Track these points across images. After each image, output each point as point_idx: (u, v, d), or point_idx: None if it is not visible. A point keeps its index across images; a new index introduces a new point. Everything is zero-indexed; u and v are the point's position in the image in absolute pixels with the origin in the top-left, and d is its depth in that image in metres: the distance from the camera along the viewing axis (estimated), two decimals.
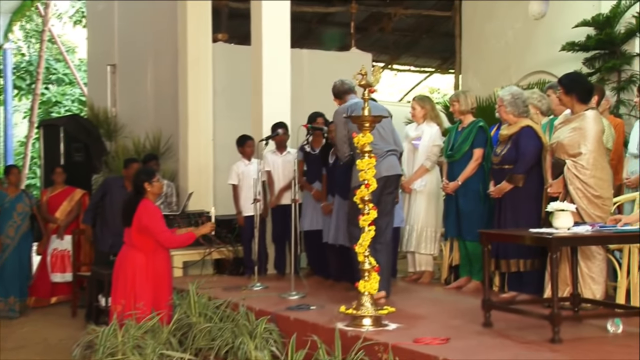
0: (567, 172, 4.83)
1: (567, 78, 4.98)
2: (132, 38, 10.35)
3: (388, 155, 5.27)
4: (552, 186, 4.96)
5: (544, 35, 8.74)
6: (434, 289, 6.17)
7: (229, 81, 8.96)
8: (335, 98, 5.69)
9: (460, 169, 5.98)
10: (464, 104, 6.04)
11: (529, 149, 5.28)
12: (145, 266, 5.26)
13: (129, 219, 5.29)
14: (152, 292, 5.26)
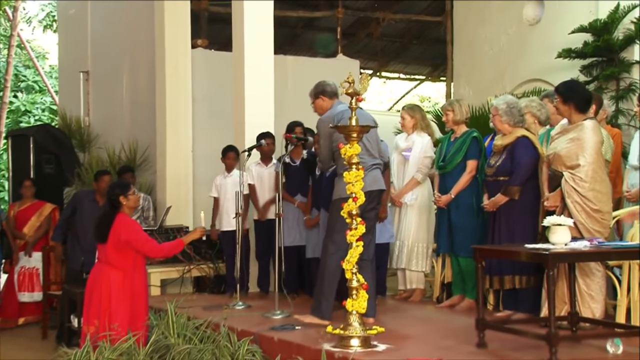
0: (565, 184, 4.86)
1: (565, 86, 5.02)
2: (107, 43, 10.33)
3: (373, 169, 5.26)
4: (549, 199, 4.98)
5: (539, 41, 8.81)
6: (426, 307, 6.18)
7: (209, 89, 8.96)
8: (318, 99, 5.50)
9: (452, 182, 6.00)
10: (458, 114, 6.07)
11: (524, 159, 5.32)
12: (122, 284, 5.22)
13: (104, 235, 5.25)
14: (129, 312, 5.23)
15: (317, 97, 5.54)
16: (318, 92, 5.55)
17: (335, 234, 5.12)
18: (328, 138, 5.31)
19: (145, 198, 8.06)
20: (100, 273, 5.26)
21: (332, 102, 5.49)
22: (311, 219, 6.19)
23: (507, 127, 5.47)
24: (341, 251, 5.00)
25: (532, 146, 5.37)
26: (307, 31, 12.86)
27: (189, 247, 7.12)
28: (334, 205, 5.18)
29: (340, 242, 5.01)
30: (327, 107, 5.50)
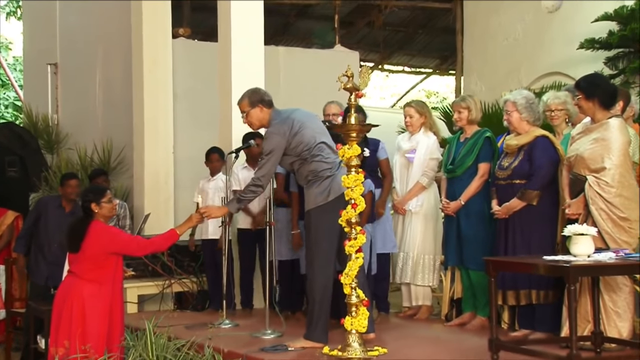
0: (589, 190, 4.87)
1: (587, 81, 5.03)
2: (77, 32, 10.34)
3: (341, 167, 5.23)
4: (571, 206, 4.99)
5: (559, 30, 8.84)
6: (433, 326, 6.19)
7: (192, 83, 8.97)
8: (255, 109, 5.40)
9: (462, 187, 6.01)
10: (475, 112, 6.08)
11: (544, 161, 5.33)
12: (97, 300, 5.20)
13: (76, 244, 5.24)
14: (104, 332, 5.21)
15: (255, 106, 5.41)
16: (255, 100, 5.43)
17: (316, 247, 5.12)
18: (282, 149, 5.27)
19: (121, 205, 8.05)
20: (71, 287, 5.23)
21: (269, 112, 5.44)
22: (299, 235, 6.15)
23: (525, 126, 5.48)
24: (329, 266, 5.02)
25: (552, 147, 5.38)
26: (301, 19, 12.89)
27: (169, 260, 7.12)
28: (310, 215, 5.19)
29: (324, 256, 5.04)
30: (266, 119, 5.43)
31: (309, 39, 13.14)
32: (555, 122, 5.77)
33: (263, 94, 5.48)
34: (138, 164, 8.61)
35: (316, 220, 5.13)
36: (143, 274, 7.13)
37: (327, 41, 11.89)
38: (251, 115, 5.44)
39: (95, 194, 5.40)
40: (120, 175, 9.09)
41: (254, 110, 5.42)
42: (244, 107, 5.46)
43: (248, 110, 5.43)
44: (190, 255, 7.26)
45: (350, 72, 4.78)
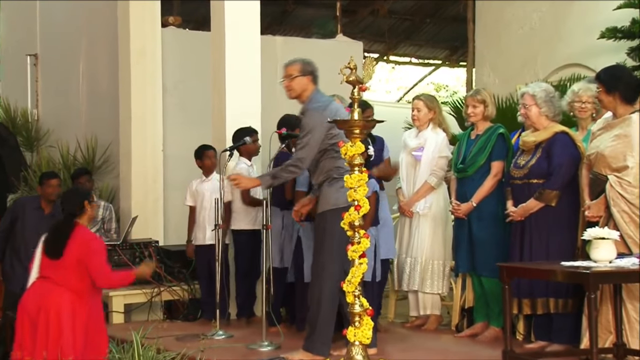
0: (610, 190, 4.87)
1: (607, 73, 5.04)
2: (59, 20, 10.33)
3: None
4: (591, 208, 5.00)
5: (579, 19, 8.84)
6: (442, 337, 6.19)
7: (183, 76, 8.97)
8: (304, 79, 5.46)
9: (474, 187, 6.01)
10: (490, 107, 6.08)
11: (564, 159, 5.32)
12: (76, 310, 5.20)
13: (59, 250, 5.22)
14: (85, 343, 5.21)
15: (305, 75, 5.48)
16: (308, 70, 5.50)
17: (329, 252, 5.14)
18: (324, 132, 5.30)
19: (106, 207, 8.06)
20: (49, 295, 5.21)
21: (312, 90, 5.51)
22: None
23: (544, 121, 5.46)
24: (340, 273, 5.02)
25: (572, 144, 5.37)
26: (300, 7, 12.90)
27: (158, 266, 7.13)
28: (326, 217, 5.21)
29: (338, 262, 5.05)
30: (307, 93, 5.50)
31: (309, 28, 13.14)
32: (583, 115, 5.73)
33: (315, 70, 5.57)
34: (124, 163, 8.60)
35: (333, 223, 5.10)
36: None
37: (328, 30, 11.89)
38: (297, 82, 5.47)
39: (86, 194, 5.42)
40: (105, 175, 9.09)
41: (302, 78, 5.47)
42: (292, 71, 5.48)
43: (296, 76, 5.46)
44: (181, 261, 7.26)
45: (353, 64, 4.77)
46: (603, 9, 8.25)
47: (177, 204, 7.49)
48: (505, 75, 9.47)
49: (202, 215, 6.95)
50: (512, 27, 9.60)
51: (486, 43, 10.07)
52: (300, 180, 6.27)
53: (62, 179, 8.12)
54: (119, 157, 8.73)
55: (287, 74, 5.49)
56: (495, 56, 9.83)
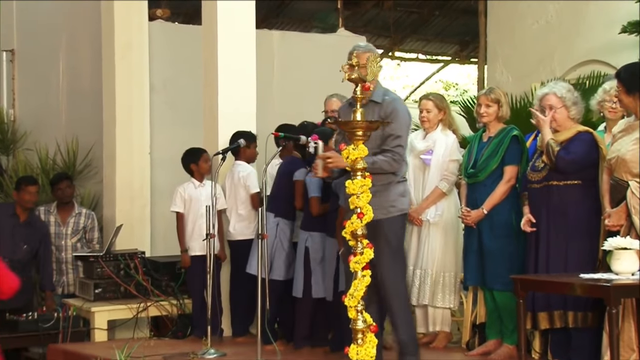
0: (631, 197, 4.88)
1: (627, 71, 5.05)
2: (38, 14, 10.35)
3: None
4: (611, 217, 5.01)
5: (598, 12, 8.86)
6: (453, 355, 6.20)
7: (172, 73, 8.99)
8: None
9: (485, 193, 6.02)
10: (505, 107, 6.10)
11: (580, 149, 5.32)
12: None
13: None
14: None
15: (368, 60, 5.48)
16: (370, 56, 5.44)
17: (396, 268, 5.43)
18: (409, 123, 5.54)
19: (88, 215, 8.08)
20: None
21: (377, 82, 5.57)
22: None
23: (569, 124, 5.47)
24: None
25: (594, 144, 5.38)
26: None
27: (144, 279, 7.14)
28: (387, 224, 5.38)
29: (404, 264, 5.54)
30: (375, 83, 5.49)
31: (308, 22, 13.17)
32: (613, 116, 5.73)
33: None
34: (108, 167, 8.61)
35: (397, 230, 5.47)
36: (114, 295, 7.15)
37: (329, 24, 11.92)
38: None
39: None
40: (87, 180, 9.10)
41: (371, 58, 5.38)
42: (363, 59, 5.33)
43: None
44: (169, 274, 7.27)
45: (356, 61, 4.79)
46: (625, 2, 8.27)
47: (165, 212, 7.50)
48: (520, 73, 9.49)
49: (197, 224, 6.95)
50: (527, 21, 9.63)
51: (499, 38, 10.09)
52: (312, 185, 6.30)
53: (41, 184, 8.15)
54: (102, 160, 8.74)
55: (358, 62, 5.42)
56: (508, 52, 9.85)
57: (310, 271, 6.28)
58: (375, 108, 5.44)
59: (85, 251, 7.73)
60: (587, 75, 8.19)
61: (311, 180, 6.35)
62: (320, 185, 6.32)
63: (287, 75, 9.57)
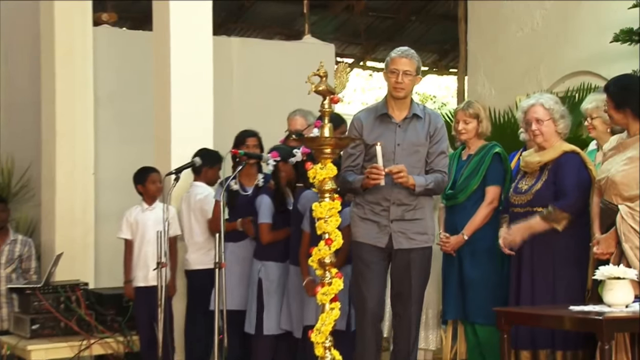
0: (621, 223, 4.91)
1: (617, 84, 5.09)
2: None
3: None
4: (600, 243, 5.03)
5: (589, 19, 8.94)
6: None
7: (119, 84, 8.97)
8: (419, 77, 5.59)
9: (465, 217, 6.05)
10: (485, 123, 6.13)
11: (572, 179, 5.35)
12: None
13: None
14: None
15: (417, 74, 5.58)
16: (420, 67, 5.62)
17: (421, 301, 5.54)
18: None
19: (24, 242, 8.00)
20: None
21: None
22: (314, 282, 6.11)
23: (556, 140, 5.50)
24: None
25: (583, 166, 5.42)
26: (260, 2, 12.95)
27: (88, 313, 7.09)
28: (421, 254, 5.43)
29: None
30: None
31: (271, 27, 13.19)
32: (592, 134, 5.84)
33: None
34: (47, 189, 8.56)
35: (428, 260, 5.52)
36: (53, 331, 7.08)
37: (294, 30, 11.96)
38: (412, 82, 5.53)
39: None
40: (23, 203, 9.03)
41: (416, 78, 5.56)
42: (409, 66, 5.52)
43: (413, 74, 5.53)
44: (115, 308, 7.22)
45: (324, 71, 4.82)
46: (617, 8, 8.34)
47: (111, 239, 7.45)
48: (503, 85, 9.56)
49: (143, 251, 6.93)
50: (511, 28, 9.70)
51: (481, 46, 10.16)
52: (262, 209, 6.31)
53: None
54: (41, 181, 8.68)
55: (404, 71, 5.51)
56: (491, 62, 9.92)
57: (262, 305, 6.28)
58: (417, 124, 5.50)
59: (21, 282, 7.65)
60: (576, 87, 8.28)
61: (261, 204, 6.36)
62: (272, 210, 6.33)
63: (247, 86, 9.58)
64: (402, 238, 5.41)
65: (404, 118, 5.46)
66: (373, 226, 5.41)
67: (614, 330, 4.37)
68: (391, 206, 5.39)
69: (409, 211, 5.41)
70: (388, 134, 5.40)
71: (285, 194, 6.41)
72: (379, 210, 5.40)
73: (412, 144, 5.44)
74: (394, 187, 5.34)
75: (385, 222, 5.39)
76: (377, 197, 5.38)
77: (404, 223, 5.41)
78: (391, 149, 5.37)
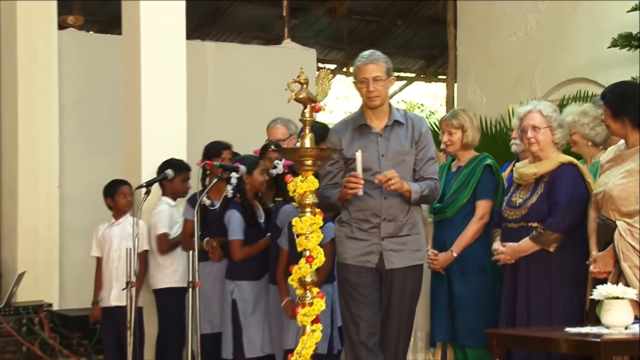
0: (620, 240, 4.91)
1: (615, 92, 5.09)
2: None
3: None
4: (597, 261, 5.04)
5: (585, 23, 8.98)
6: None
7: (85, 90, 8.95)
8: (390, 80, 5.46)
9: (455, 233, 6.04)
10: (470, 133, 6.13)
11: (570, 196, 5.39)
12: None
13: None
14: None
15: (390, 76, 5.44)
16: (390, 68, 5.47)
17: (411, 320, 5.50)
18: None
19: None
20: None
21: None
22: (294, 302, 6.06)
23: (552, 151, 5.49)
24: None
25: (580, 178, 5.42)
26: (236, 4, 12.95)
27: (52, 336, 7.06)
28: (412, 274, 5.39)
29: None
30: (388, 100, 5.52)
31: (248, 31, 13.19)
32: (574, 149, 5.86)
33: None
34: (9, 204, 8.53)
35: (420, 279, 5.45)
36: (14, 356, 7.05)
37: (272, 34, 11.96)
38: (385, 86, 5.39)
39: None
40: None
41: (389, 81, 5.42)
42: (379, 72, 5.37)
43: (384, 79, 5.38)
44: (81, 330, 7.19)
45: (304, 77, 4.82)
46: (615, 11, 8.38)
47: (77, 256, 7.44)
48: (495, 93, 9.58)
49: (108, 269, 6.91)
50: (504, 32, 9.73)
51: (471, 52, 10.19)
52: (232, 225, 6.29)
53: None
54: (1, 195, 8.65)
55: (373, 77, 5.34)
56: (482, 68, 9.94)
57: (240, 327, 6.27)
58: (400, 131, 5.40)
59: None
60: (572, 95, 8.30)
61: (230, 220, 6.35)
62: (243, 226, 6.32)
63: (223, 94, 9.58)
64: (394, 257, 5.33)
65: (385, 126, 5.36)
66: (362, 245, 5.30)
67: (613, 354, 4.37)
68: (382, 223, 5.30)
69: (401, 227, 5.35)
70: (369, 145, 5.29)
71: (254, 206, 6.40)
72: (367, 228, 5.30)
73: (397, 153, 5.34)
74: (383, 202, 5.27)
75: (376, 240, 5.30)
76: (365, 213, 5.29)
77: (396, 240, 5.34)
78: (375, 161, 5.27)
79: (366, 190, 5.18)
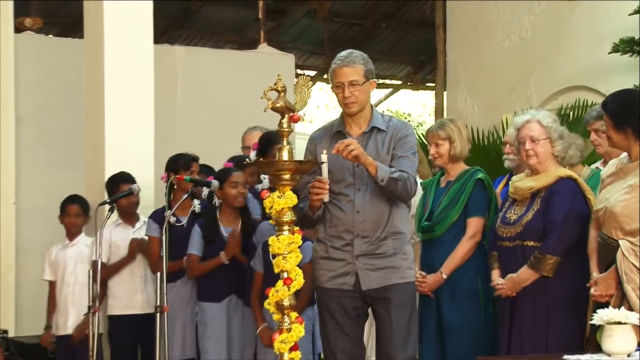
0: (622, 261, 4.93)
1: (616, 101, 5.11)
2: None
3: None
4: (598, 284, 5.05)
5: (584, 26, 9.03)
6: None
7: (44, 98, 8.93)
8: (371, 84, 5.36)
9: (444, 253, 6.05)
10: (459, 144, 6.14)
11: (563, 212, 5.37)
12: None
13: None
14: None
15: (369, 79, 5.33)
16: (371, 70, 5.35)
17: (408, 340, 5.36)
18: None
19: None
20: None
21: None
22: (268, 328, 5.95)
23: (551, 164, 5.49)
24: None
25: (580, 194, 5.44)
26: (208, 6, 12.96)
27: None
28: (404, 290, 5.32)
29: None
30: (369, 105, 5.42)
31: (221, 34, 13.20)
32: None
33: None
34: None
35: (410, 298, 5.40)
36: None
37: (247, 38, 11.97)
38: (364, 91, 5.29)
39: None
40: None
41: (369, 85, 5.32)
42: (356, 75, 5.26)
43: (362, 82, 5.27)
44: (39, 358, 7.17)
45: (282, 84, 4.82)
46: (616, 13, 8.43)
47: (35, 278, 7.40)
48: (488, 101, 9.61)
49: (62, 294, 6.88)
50: (497, 37, 9.76)
51: (461, 57, 10.22)
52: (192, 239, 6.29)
53: None
54: None
55: (349, 81, 5.24)
56: (473, 75, 9.97)
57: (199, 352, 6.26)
58: (379, 137, 5.32)
59: None
60: (570, 104, 8.33)
61: (192, 234, 6.35)
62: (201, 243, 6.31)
63: (193, 101, 9.57)
64: (371, 276, 5.25)
65: (362, 133, 5.30)
66: (337, 265, 5.24)
67: None
68: (355, 239, 5.23)
69: (377, 244, 5.28)
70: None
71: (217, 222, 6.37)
72: (341, 245, 5.23)
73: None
74: (355, 216, 5.20)
75: (350, 259, 5.23)
76: (338, 229, 5.22)
77: (371, 258, 5.26)
78: (349, 170, 5.21)
79: (339, 204, 5.14)
